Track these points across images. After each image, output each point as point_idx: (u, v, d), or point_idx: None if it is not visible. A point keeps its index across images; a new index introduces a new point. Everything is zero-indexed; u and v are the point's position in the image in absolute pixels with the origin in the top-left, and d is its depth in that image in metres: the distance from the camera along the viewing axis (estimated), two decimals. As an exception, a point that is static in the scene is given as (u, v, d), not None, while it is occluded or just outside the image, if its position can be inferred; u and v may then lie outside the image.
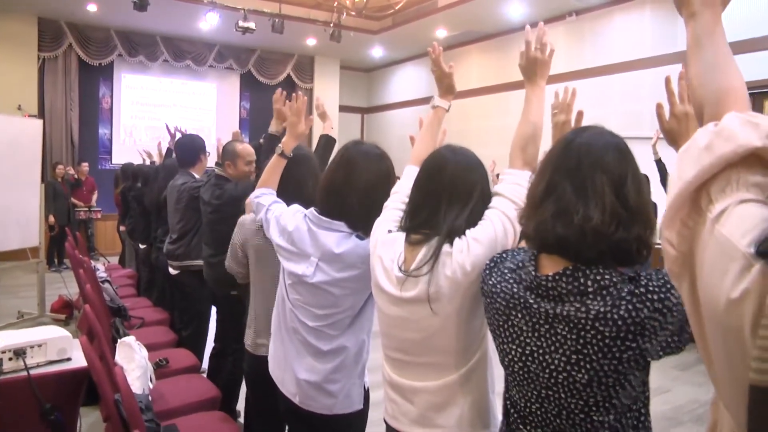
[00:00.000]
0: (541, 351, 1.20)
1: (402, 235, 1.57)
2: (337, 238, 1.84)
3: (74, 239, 5.79)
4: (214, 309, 3.75)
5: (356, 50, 12.40)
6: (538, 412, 1.24)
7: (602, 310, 1.12)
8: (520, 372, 1.26)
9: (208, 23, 9.64)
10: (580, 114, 1.80)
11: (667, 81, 1.56)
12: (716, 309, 0.72)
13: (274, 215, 2.04)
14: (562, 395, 1.18)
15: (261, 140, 3.37)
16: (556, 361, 1.18)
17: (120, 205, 6.93)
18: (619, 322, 1.10)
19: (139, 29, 11.09)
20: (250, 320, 2.49)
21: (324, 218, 1.87)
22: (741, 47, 6.98)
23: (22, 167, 5.48)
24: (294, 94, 2.40)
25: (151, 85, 12.13)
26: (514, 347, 1.26)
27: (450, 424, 1.48)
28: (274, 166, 2.25)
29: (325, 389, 1.89)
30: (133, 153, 11.17)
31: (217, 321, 3.68)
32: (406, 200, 1.63)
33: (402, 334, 1.55)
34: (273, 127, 3.17)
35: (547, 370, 1.19)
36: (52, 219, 9.00)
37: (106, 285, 4.36)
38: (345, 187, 1.85)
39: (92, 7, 9.89)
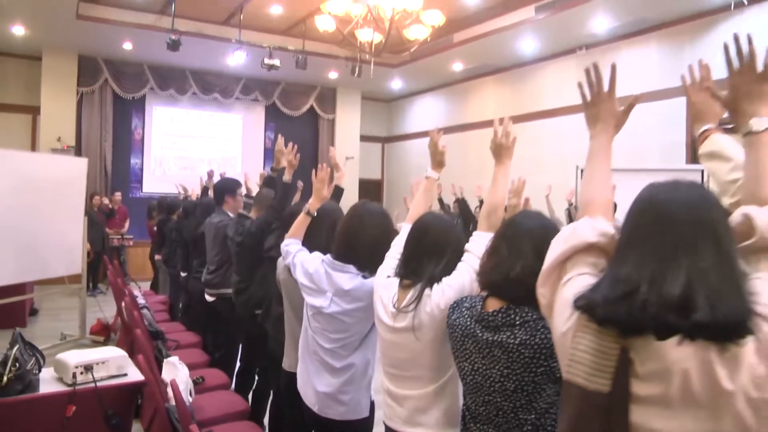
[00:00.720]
0: (483, 367, 1.63)
1: (396, 281, 2.04)
2: (347, 278, 2.32)
3: (112, 266, 6.27)
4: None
5: (377, 82, 12.88)
6: (484, 413, 1.66)
7: (524, 338, 1.54)
8: (471, 383, 1.68)
9: (236, 59, 10.21)
10: (527, 200, 2.42)
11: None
12: (557, 337, 1.19)
13: (300, 260, 2.52)
14: (498, 399, 1.60)
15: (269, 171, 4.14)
16: (494, 375, 1.60)
17: (156, 235, 7.42)
18: (536, 347, 1.53)
19: (170, 65, 11.71)
20: (286, 345, 2.91)
21: (337, 263, 2.36)
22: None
23: (68, 201, 5.97)
24: (320, 165, 2.85)
25: (181, 117, 12.75)
26: (466, 365, 1.69)
27: (430, 423, 1.93)
28: (301, 222, 2.74)
29: (338, 399, 2.34)
30: (163, 182, 11.79)
31: (243, 344, 4.14)
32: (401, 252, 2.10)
33: (395, 354, 2.02)
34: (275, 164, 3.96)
35: (488, 381, 1.62)
36: (88, 246, 9.51)
37: (145, 311, 4.80)
38: (354, 238, 2.35)
39: (128, 45, 10.57)
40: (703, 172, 6.59)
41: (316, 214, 2.75)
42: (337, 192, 3.42)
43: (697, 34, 8.22)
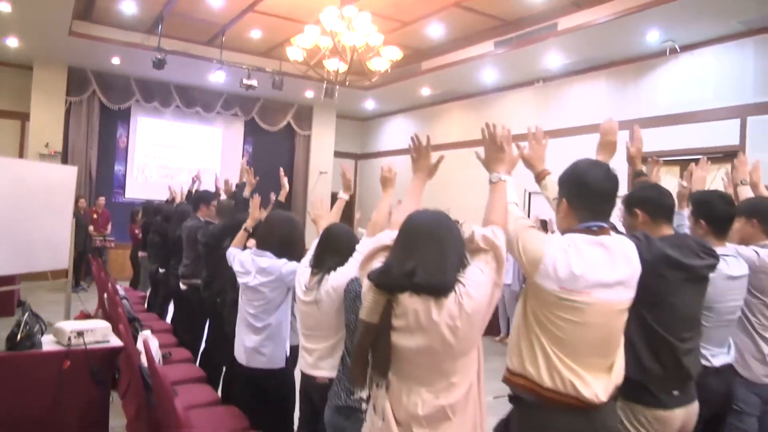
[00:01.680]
0: (354, 317, 2.36)
1: (309, 269, 2.83)
2: (265, 260, 3.26)
3: (97, 265, 6.97)
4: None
5: (351, 102, 13.67)
6: (349, 349, 2.38)
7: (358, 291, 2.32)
8: (351, 329, 2.45)
9: (216, 78, 10.97)
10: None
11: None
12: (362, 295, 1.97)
13: (237, 258, 3.42)
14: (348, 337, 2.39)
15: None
16: (353, 321, 2.39)
17: (141, 235, 8.19)
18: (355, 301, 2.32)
19: (156, 79, 12.39)
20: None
21: (259, 251, 3.34)
22: (670, 120, 8.32)
23: (57, 205, 6.63)
24: (254, 196, 3.86)
25: (164, 128, 13.49)
26: (352, 316, 2.44)
27: (327, 367, 2.69)
28: (241, 236, 3.70)
29: (260, 351, 3.25)
30: (145, 189, 12.48)
31: (210, 329, 4.92)
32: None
33: (306, 320, 2.83)
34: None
35: (351, 326, 2.42)
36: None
37: (124, 301, 5.50)
38: (269, 235, 3.36)
39: (116, 60, 11.28)
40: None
41: (251, 230, 3.69)
42: (280, 205, 4.28)
43: (640, 73, 9.12)
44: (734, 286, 2.72)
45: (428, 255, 1.82)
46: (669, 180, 4.99)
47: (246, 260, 3.34)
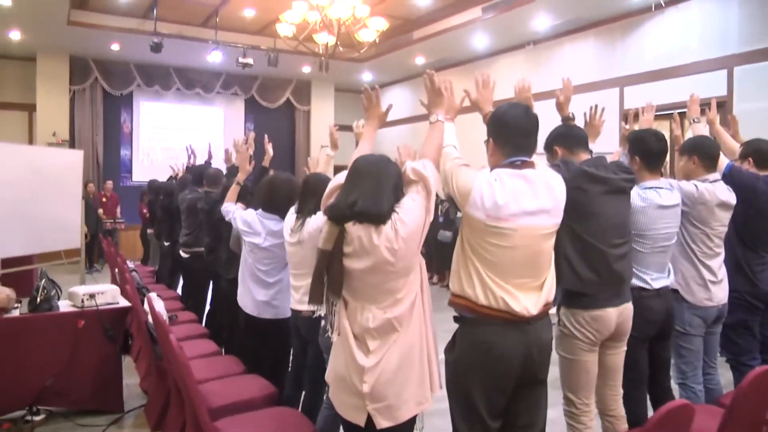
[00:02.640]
0: None
1: (295, 215, 3.14)
2: (274, 223, 3.52)
3: (107, 242, 7.34)
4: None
5: (348, 75, 13.84)
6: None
7: None
8: None
9: (213, 58, 11.19)
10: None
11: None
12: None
13: (238, 215, 3.70)
14: None
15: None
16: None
17: (148, 213, 8.55)
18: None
19: (155, 63, 12.65)
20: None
21: (266, 213, 3.56)
22: (658, 75, 8.48)
23: (67, 187, 6.97)
24: (242, 145, 3.97)
25: (166, 111, 13.79)
26: None
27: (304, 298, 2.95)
28: (233, 190, 3.98)
29: (271, 304, 3.54)
30: (151, 172, 12.77)
31: (212, 291, 5.27)
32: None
33: (293, 259, 3.15)
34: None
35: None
36: (85, 228, 10.54)
37: (134, 273, 5.85)
38: (272, 198, 3.57)
39: (115, 46, 11.52)
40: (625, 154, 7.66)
41: (242, 183, 3.97)
42: (263, 170, 4.55)
43: (628, 30, 9.24)
44: (666, 215, 2.97)
45: (367, 189, 2.14)
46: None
47: (254, 221, 3.57)
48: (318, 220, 2.92)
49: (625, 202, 2.82)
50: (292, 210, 3.23)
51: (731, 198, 3.22)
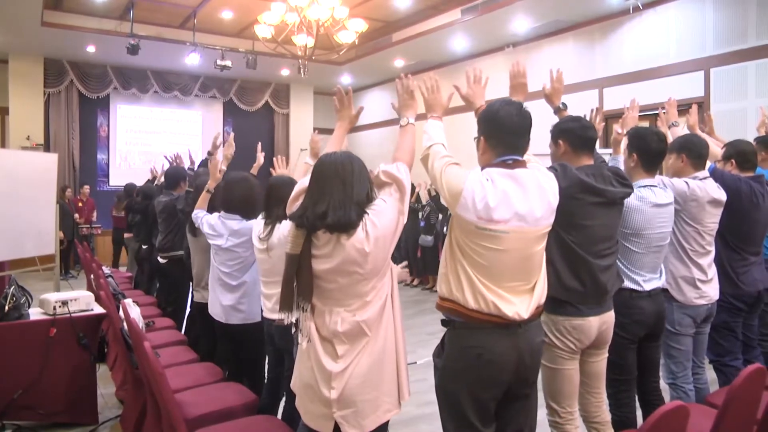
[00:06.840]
0: None
1: (263, 221, 3.05)
2: (235, 223, 3.48)
3: (83, 248, 7.19)
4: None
5: (327, 78, 13.75)
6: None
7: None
8: None
9: (191, 60, 11.07)
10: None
11: None
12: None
13: (204, 220, 3.65)
14: None
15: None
16: None
17: (126, 216, 8.45)
18: None
19: (132, 65, 12.48)
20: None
21: (226, 214, 3.52)
22: (637, 76, 8.55)
23: (41, 191, 6.80)
24: (213, 157, 4.05)
25: (143, 114, 13.59)
26: None
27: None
28: (203, 198, 3.89)
29: (237, 308, 3.46)
30: (128, 176, 12.54)
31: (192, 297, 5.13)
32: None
33: (262, 266, 3.06)
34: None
35: None
36: (61, 234, 10.34)
37: (110, 279, 5.72)
38: (230, 200, 3.52)
39: (91, 48, 11.34)
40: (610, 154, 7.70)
41: (213, 191, 3.89)
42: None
43: (606, 32, 9.34)
44: (661, 213, 2.94)
45: (335, 196, 2.08)
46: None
47: (216, 223, 3.54)
48: (287, 226, 2.87)
49: (617, 213, 2.77)
50: (261, 216, 3.16)
51: (722, 195, 3.23)
